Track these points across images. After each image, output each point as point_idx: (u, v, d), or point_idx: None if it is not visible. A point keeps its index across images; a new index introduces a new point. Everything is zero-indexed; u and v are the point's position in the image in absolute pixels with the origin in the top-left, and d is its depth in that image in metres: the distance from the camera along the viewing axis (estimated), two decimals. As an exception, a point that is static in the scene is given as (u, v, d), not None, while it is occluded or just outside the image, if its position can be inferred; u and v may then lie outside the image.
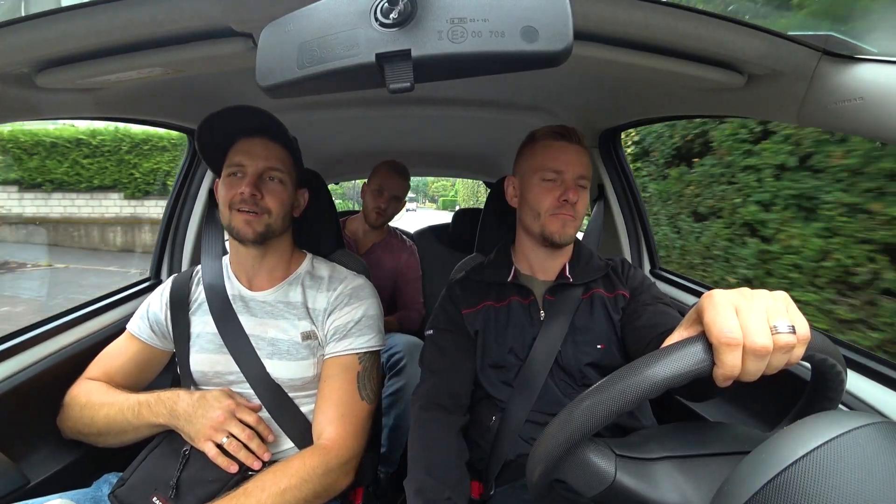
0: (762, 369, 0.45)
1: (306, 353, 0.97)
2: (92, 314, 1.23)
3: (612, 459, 0.52)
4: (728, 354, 0.44)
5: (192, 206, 1.55)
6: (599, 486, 0.51)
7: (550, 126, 1.03)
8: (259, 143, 0.98)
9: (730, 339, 0.44)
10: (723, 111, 1.04)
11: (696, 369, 0.45)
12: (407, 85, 0.42)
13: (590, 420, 0.47)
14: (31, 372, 1.00)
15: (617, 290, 1.02)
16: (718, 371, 0.45)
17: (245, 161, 0.96)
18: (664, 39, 0.71)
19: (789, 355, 0.45)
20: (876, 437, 0.40)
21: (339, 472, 0.88)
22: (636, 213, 1.64)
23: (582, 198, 0.99)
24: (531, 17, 0.40)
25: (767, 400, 0.96)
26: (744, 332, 0.44)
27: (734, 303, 0.46)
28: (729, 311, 0.46)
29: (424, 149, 2.30)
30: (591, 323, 0.98)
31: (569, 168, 0.97)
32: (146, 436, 0.94)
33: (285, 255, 1.05)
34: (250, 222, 0.95)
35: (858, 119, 0.68)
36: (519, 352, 0.98)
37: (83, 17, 0.65)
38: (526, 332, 0.99)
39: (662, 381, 0.45)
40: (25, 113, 0.87)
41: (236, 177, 0.97)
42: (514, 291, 1.04)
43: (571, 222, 0.99)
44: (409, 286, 2.04)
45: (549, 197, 0.98)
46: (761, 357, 0.44)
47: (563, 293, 1.01)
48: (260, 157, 0.97)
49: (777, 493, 0.38)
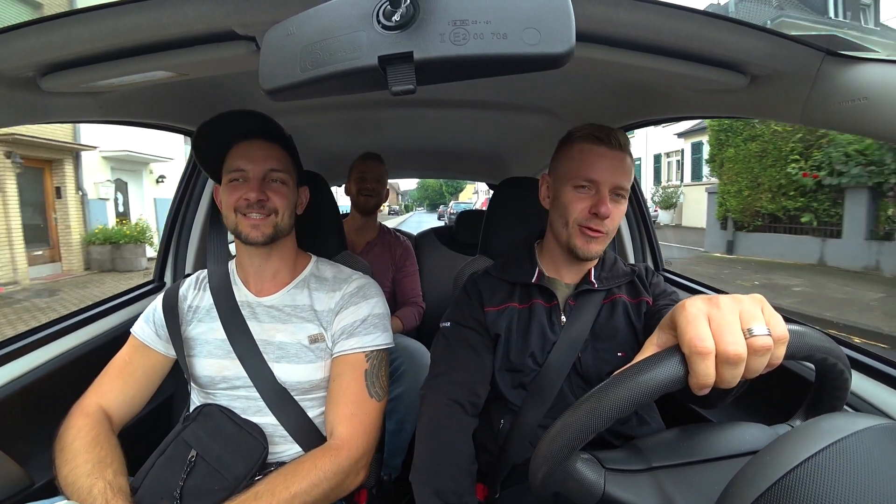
0: (738, 376, 0.45)
1: (314, 357, 0.97)
2: (96, 317, 1.24)
3: (601, 473, 0.53)
4: (700, 364, 0.44)
5: (196, 209, 1.56)
6: (591, 499, 0.52)
7: (590, 126, 0.95)
8: (257, 145, 0.98)
9: (701, 349, 0.44)
10: (726, 112, 1.03)
11: (670, 380, 0.45)
12: (409, 87, 0.42)
13: (568, 438, 0.48)
14: (36, 374, 1.00)
15: (641, 297, 0.99)
16: (692, 381, 0.45)
17: (246, 165, 0.96)
18: (666, 41, 0.71)
19: (768, 357, 0.45)
20: (881, 439, 0.40)
21: (350, 471, 0.88)
22: (640, 215, 1.64)
23: (617, 209, 0.93)
24: (533, 18, 0.40)
25: (772, 401, 0.95)
26: (716, 339, 0.44)
27: (706, 311, 0.46)
28: (700, 321, 0.46)
29: (427, 151, 2.30)
30: (611, 329, 0.96)
31: (605, 178, 0.91)
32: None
33: (290, 257, 1.05)
34: (257, 226, 0.95)
35: (862, 119, 0.68)
36: (538, 356, 0.96)
37: (88, 22, 0.65)
38: (547, 337, 0.96)
39: (639, 396, 0.45)
40: (31, 116, 0.88)
41: (238, 182, 0.96)
42: (538, 294, 1.01)
43: (601, 239, 0.93)
44: (408, 280, 2.05)
45: (580, 206, 0.92)
46: (735, 364, 0.44)
47: (586, 298, 0.98)
48: (260, 159, 0.97)
49: (783, 495, 0.38)
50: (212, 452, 0.89)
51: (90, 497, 0.79)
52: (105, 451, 0.87)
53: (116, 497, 0.80)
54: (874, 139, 0.69)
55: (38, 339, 1.05)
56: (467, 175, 3.23)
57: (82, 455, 0.85)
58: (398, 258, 2.05)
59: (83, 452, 0.85)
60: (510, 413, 0.96)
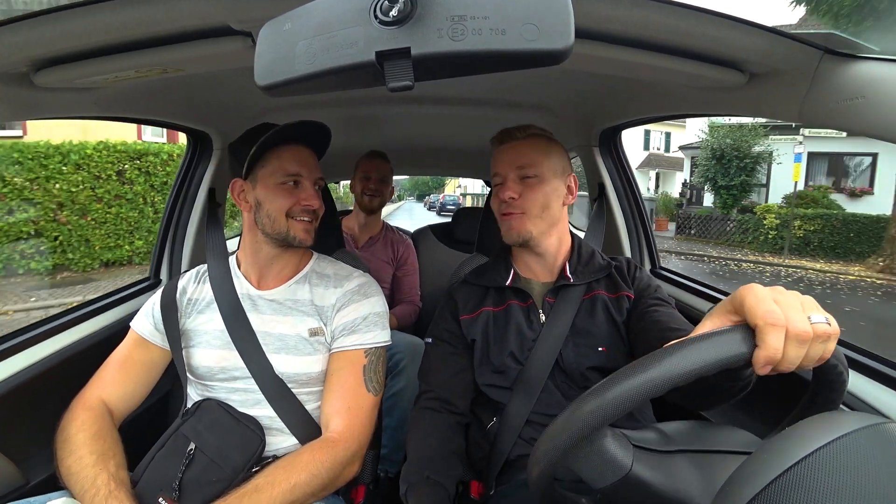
0: (801, 357, 0.46)
1: (312, 349, 0.98)
2: (92, 313, 1.23)
3: (629, 450, 0.51)
4: (772, 335, 0.45)
5: (192, 205, 1.55)
6: (613, 477, 0.50)
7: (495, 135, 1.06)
8: (307, 152, 1.02)
9: (775, 320, 0.45)
10: (724, 110, 1.03)
11: (737, 354, 0.45)
12: (407, 83, 0.42)
13: (615, 405, 0.46)
14: (32, 372, 1.00)
15: (620, 291, 1.00)
16: (761, 353, 0.45)
17: (303, 172, 0.99)
18: (665, 38, 0.71)
19: (825, 346, 0.46)
20: (877, 439, 0.40)
21: (346, 462, 0.89)
22: (636, 212, 1.64)
23: (529, 190, 0.97)
24: (532, 14, 0.39)
25: (769, 401, 0.96)
26: (786, 317, 0.45)
27: (771, 295, 0.48)
28: (770, 300, 0.47)
29: (425, 147, 2.30)
30: (591, 325, 0.97)
31: (504, 168, 0.99)
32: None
33: (297, 254, 1.07)
34: (309, 230, 1.00)
35: (860, 118, 0.68)
36: (518, 355, 0.98)
37: (81, 17, 0.65)
38: (525, 336, 0.99)
39: (701, 366, 0.44)
40: (24, 112, 0.87)
41: (292, 185, 0.98)
42: (513, 295, 1.03)
43: (515, 218, 0.98)
44: (407, 279, 2.06)
45: (496, 200, 1.02)
46: (803, 343, 0.45)
47: (564, 294, 1.00)
48: (314, 167, 1.02)
49: (779, 494, 0.38)
50: (210, 445, 0.89)
51: (94, 486, 0.80)
52: (107, 445, 0.88)
53: (119, 488, 0.81)
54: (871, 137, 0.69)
55: (32, 336, 1.05)
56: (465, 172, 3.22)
57: (86, 447, 0.86)
58: (399, 256, 2.06)
59: (87, 444, 0.86)
60: (499, 412, 0.98)
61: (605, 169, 1.61)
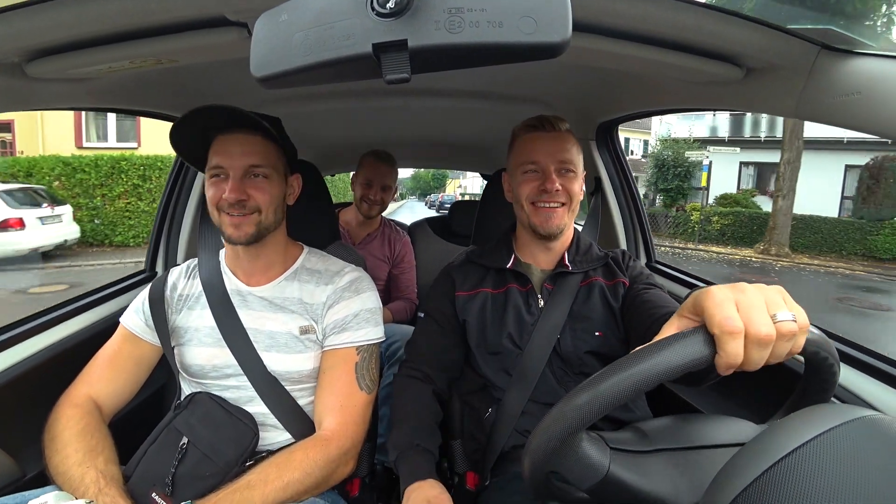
0: (765, 358, 0.46)
1: (303, 347, 0.97)
2: (86, 307, 1.22)
3: (606, 452, 0.52)
4: (731, 343, 0.45)
5: (188, 198, 1.54)
6: (593, 479, 0.51)
7: (527, 119, 1.04)
8: (235, 140, 0.93)
9: (731, 328, 0.45)
10: (720, 105, 1.03)
11: (697, 359, 0.45)
12: (404, 76, 0.42)
13: (586, 412, 0.47)
14: (26, 365, 0.99)
15: (616, 279, 1.03)
16: (721, 360, 0.45)
17: (224, 162, 0.92)
18: (662, 31, 0.71)
19: (792, 343, 0.46)
20: (868, 430, 0.40)
21: (339, 461, 0.89)
22: (633, 206, 1.64)
23: (569, 183, 0.99)
24: (529, 7, 0.39)
25: (761, 393, 0.97)
26: (745, 322, 0.45)
27: (732, 297, 0.47)
28: (729, 303, 0.46)
29: (421, 140, 2.29)
30: (588, 310, 0.99)
31: (545, 157, 0.98)
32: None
33: (280, 250, 1.04)
34: (239, 225, 0.92)
35: (856, 114, 0.68)
36: (517, 339, 0.99)
37: (74, 6, 0.64)
38: (524, 320, 1.00)
39: (662, 372, 0.45)
40: (17, 103, 0.86)
41: (219, 178, 0.93)
42: (513, 278, 1.05)
43: (558, 212, 0.98)
44: (404, 276, 2.05)
45: (529, 186, 1.00)
46: (764, 346, 0.45)
47: (563, 281, 1.02)
48: (238, 155, 0.92)
49: (770, 484, 0.39)
50: (203, 439, 0.89)
51: (83, 486, 0.79)
52: (95, 440, 0.86)
53: (109, 485, 0.79)
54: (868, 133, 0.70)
55: (26, 329, 1.04)
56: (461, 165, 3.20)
57: (72, 444, 0.84)
58: (397, 253, 2.04)
59: (73, 442, 0.85)
60: (496, 403, 0.99)
61: (602, 163, 1.61)
